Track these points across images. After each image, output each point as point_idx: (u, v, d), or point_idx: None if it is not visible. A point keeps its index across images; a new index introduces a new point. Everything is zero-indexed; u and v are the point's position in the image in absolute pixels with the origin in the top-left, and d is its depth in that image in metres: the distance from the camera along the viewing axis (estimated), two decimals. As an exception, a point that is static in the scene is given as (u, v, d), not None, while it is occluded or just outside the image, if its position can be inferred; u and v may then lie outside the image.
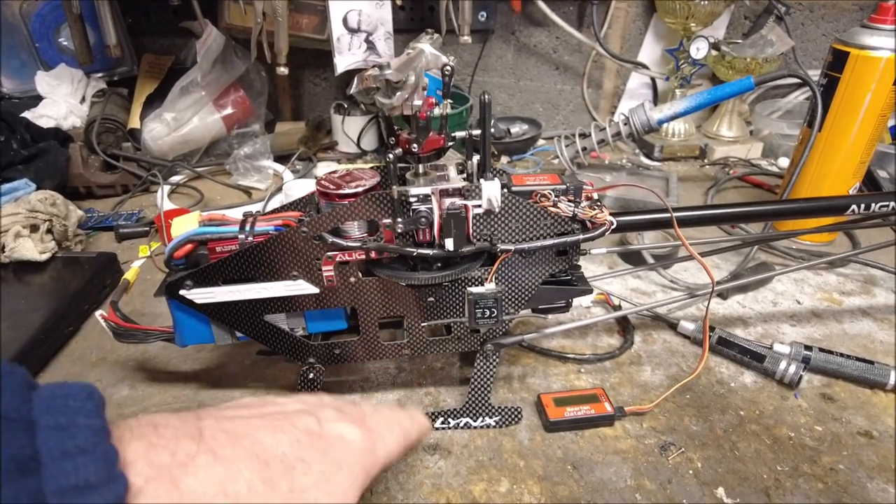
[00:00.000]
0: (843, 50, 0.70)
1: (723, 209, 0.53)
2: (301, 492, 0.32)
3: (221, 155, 1.04)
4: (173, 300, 0.46)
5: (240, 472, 0.31)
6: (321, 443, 0.36)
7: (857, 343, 0.62)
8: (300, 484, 0.32)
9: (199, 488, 0.29)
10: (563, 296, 0.50)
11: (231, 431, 0.33)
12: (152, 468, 0.28)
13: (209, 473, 0.30)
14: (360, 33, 0.87)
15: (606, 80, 1.23)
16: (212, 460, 0.30)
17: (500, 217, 0.44)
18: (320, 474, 0.34)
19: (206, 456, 0.30)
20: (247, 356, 0.59)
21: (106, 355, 0.60)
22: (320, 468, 0.34)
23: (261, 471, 0.32)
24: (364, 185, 0.44)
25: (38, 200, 0.73)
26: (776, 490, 0.45)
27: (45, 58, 1.02)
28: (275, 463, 0.33)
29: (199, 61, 0.97)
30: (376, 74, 0.38)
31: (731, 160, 1.08)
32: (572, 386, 0.56)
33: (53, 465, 0.25)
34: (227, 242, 0.45)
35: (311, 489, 0.33)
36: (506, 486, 0.45)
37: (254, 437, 0.33)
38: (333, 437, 0.37)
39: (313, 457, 0.34)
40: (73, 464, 0.25)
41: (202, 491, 0.29)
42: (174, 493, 0.28)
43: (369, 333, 0.49)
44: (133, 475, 0.27)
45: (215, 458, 0.31)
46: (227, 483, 0.30)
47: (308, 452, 0.34)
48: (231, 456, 0.31)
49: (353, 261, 0.45)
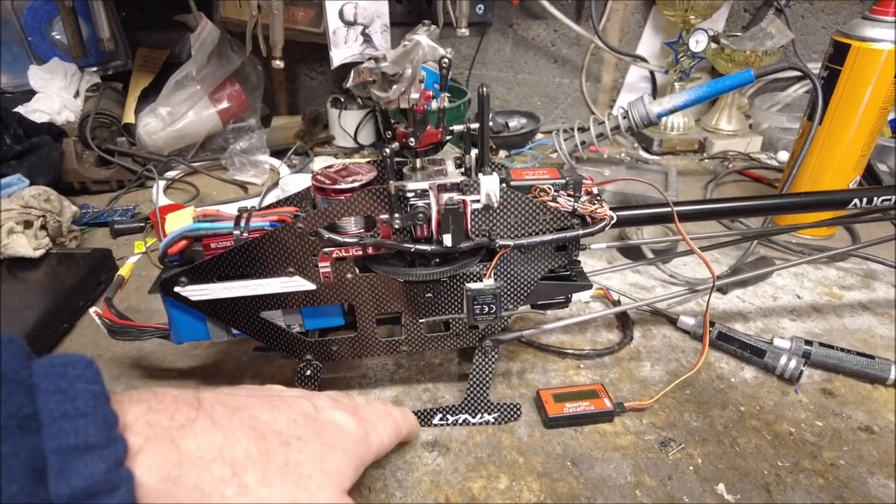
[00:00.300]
0: (845, 42, 0.69)
1: (724, 203, 0.52)
2: (296, 466, 0.32)
3: (217, 150, 1.03)
4: (168, 297, 0.45)
5: (237, 440, 0.31)
6: (316, 425, 0.36)
7: (857, 338, 0.61)
8: (295, 459, 0.33)
9: (197, 451, 0.29)
10: (562, 291, 0.49)
11: (229, 404, 0.33)
12: (152, 429, 0.28)
13: (208, 438, 0.30)
14: (357, 26, 0.86)
15: (605, 73, 1.22)
16: (210, 426, 0.31)
17: (499, 212, 0.44)
18: (315, 453, 0.34)
19: (205, 422, 0.31)
20: (244, 353, 0.59)
21: (101, 352, 0.59)
22: (315, 447, 0.34)
23: (258, 441, 0.32)
24: (360, 180, 0.44)
25: (31, 196, 0.72)
26: (777, 486, 0.45)
27: (38, 52, 1.00)
28: (271, 437, 0.33)
29: (193, 55, 0.96)
30: (372, 67, 0.38)
31: (731, 154, 1.07)
32: (571, 382, 0.55)
33: (53, 426, 0.25)
34: (222, 239, 0.45)
35: (306, 465, 0.33)
36: (505, 483, 0.45)
37: (251, 412, 0.34)
38: (328, 421, 0.37)
39: (308, 436, 0.35)
40: (72, 425, 0.25)
41: (200, 454, 0.29)
42: (174, 452, 0.28)
43: (367, 330, 0.49)
44: (132, 436, 0.27)
45: (214, 425, 0.31)
46: (224, 448, 0.30)
47: (303, 432, 0.35)
48: (229, 425, 0.32)
49: (350, 257, 0.44)
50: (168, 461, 0.27)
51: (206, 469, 0.29)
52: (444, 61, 0.40)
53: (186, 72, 0.96)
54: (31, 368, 0.26)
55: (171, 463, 0.27)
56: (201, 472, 0.28)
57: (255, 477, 0.30)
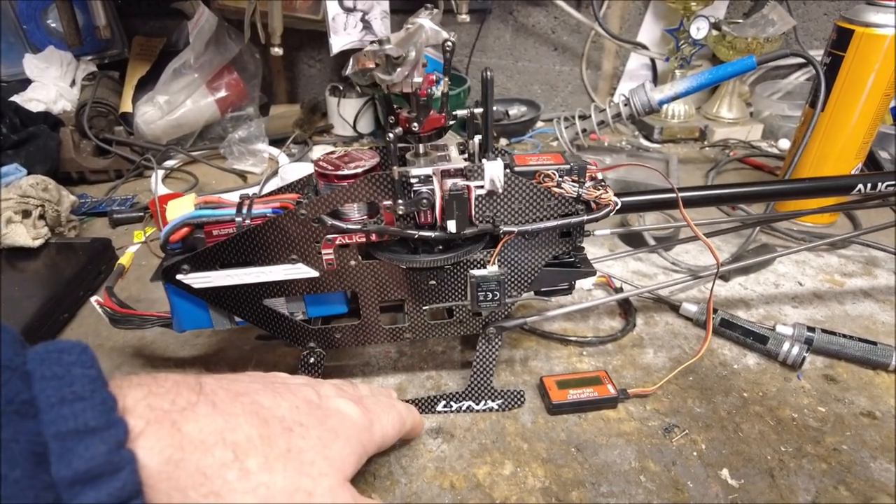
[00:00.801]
0: (848, 28, 0.69)
1: (729, 189, 0.52)
2: (298, 452, 0.32)
3: (215, 139, 1.02)
4: (170, 285, 0.45)
5: (239, 424, 0.31)
6: (320, 412, 0.36)
7: (858, 324, 0.61)
8: (297, 445, 0.33)
9: (199, 434, 0.29)
10: (566, 278, 0.49)
11: (231, 390, 0.33)
12: (153, 412, 0.28)
13: (209, 422, 0.30)
14: (356, 13, 0.85)
15: (605, 60, 1.21)
16: (211, 411, 0.30)
17: (503, 198, 0.43)
18: (318, 439, 0.34)
19: (206, 406, 0.30)
20: (246, 341, 0.58)
21: (102, 342, 0.59)
22: (318, 434, 0.34)
23: (260, 427, 0.32)
24: (363, 165, 0.43)
25: (29, 185, 0.72)
26: (780, 471, 0.45)
27: (33, 40, 0.99)
28: (274, 422, 0.33)
29: (191, 42, 0.95)
30: (376, 49, 0.37)
31: (731, 142, 1.07)
32: (574, 369, 0.55)
33: (52, 412, 0.24)
34: (224, 226, 0.44)
35: (309, 451, 0.33)
36: (510, 469, 0.45)
37: (253, 398, 0.34)
38: (332, 409, 0.37)
39: (311, 423, 0.34)
40: (71, 409, 0.25)
41: (202, 438, 0.29)
42: (176, 435, 0.28)
43: (370, 317, 0.48)
44: (133, 419, 0.27)
45: (215, 409, 0.31)
46: (226, 432, 0.30)
47: (306, 418, 0.35)
48: (231, 410, 0.31)
49: (353, 244, 0.44)
50: (170, 444, 0.27)
51: (207, 452, 0.28)
52: (448, 44, 0.40)
53: (184, 60, 0.95)
54: (25, 356, 0.26)
55: (173, 446, 0.27)
56: (203, 456, 0.28)
57: (256, 462, 0.30)
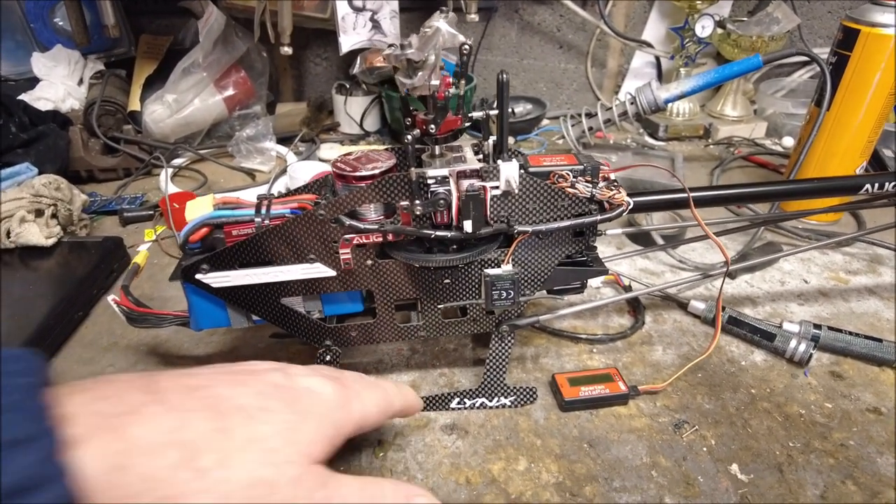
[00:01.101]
0: (854, 27, 0.69)
1: (738, 189, 0.52)
2: (262, 440, 0.31)
3: (223, 137, 1.02)
4: (189, 284, 0.46)
5: (191, 421, 0.30)
6: (288, 394, 0.34)
7: (863, 321, 0.62)
8: (261, 432, 0.31)
9: (147, 437, 0.28)
10: (578, 276, 0.50)
11: (187, 385, 0.32)
12: (96, 418, 0.27)
13: (158, 423, 0.29)
14: (365, 12, 0.85)
15: (610, 58, 1.22)
16: (162, 410, 0.29)
17: (518, 198, 0.44)
18: (284, 423, 0.32)
19: (157, 406, 0.29)
20: (260, 339, 0.59)
21: (117, 340, 0.60)
22: (284, 417, 0.33)
23: (216, 420, 0.30)
24: (381, 166, 0.44)
25: (42, 185, 0.72)
26: (789, 466, 0.46)
27: (41, 39, 0.99)
28: (232, 413, 0.31)
29: (200, 41, 0.95)
30: (398, 54, 0.38)
31: (736, 140, 1.07)
32: (585, 366, 0.56)
33: None
34: (243, 226, 0.45)
35: (273, 437, 0.31)
36: (524, 465, 0.46)
37: (211, 390, 0.32)
38: (302, 389, 0.35)
39: (277, 407, 0.33)
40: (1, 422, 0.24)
41: (150, 440, 0.28)
42: (119, 441, 0.27)
43: (385, 315, 0.49)
44: (75, 427, 0.26)
45: (166, 408, 0.30)
46: (177, 432, 0.29)
47: (272, 402, 0.33)
48: (184, 406, 0.30)
49: (370, 243, 0.45)
50: (113, 450, 0.26)
51: (157, 455, 0.27)
52: (465, 48, 0.40)
53: (193, 59, 0.96)
54: None
55: (116, 452, 0.26)
56: (152, 459, 0.27)
57: (212, 458, 0.29)
